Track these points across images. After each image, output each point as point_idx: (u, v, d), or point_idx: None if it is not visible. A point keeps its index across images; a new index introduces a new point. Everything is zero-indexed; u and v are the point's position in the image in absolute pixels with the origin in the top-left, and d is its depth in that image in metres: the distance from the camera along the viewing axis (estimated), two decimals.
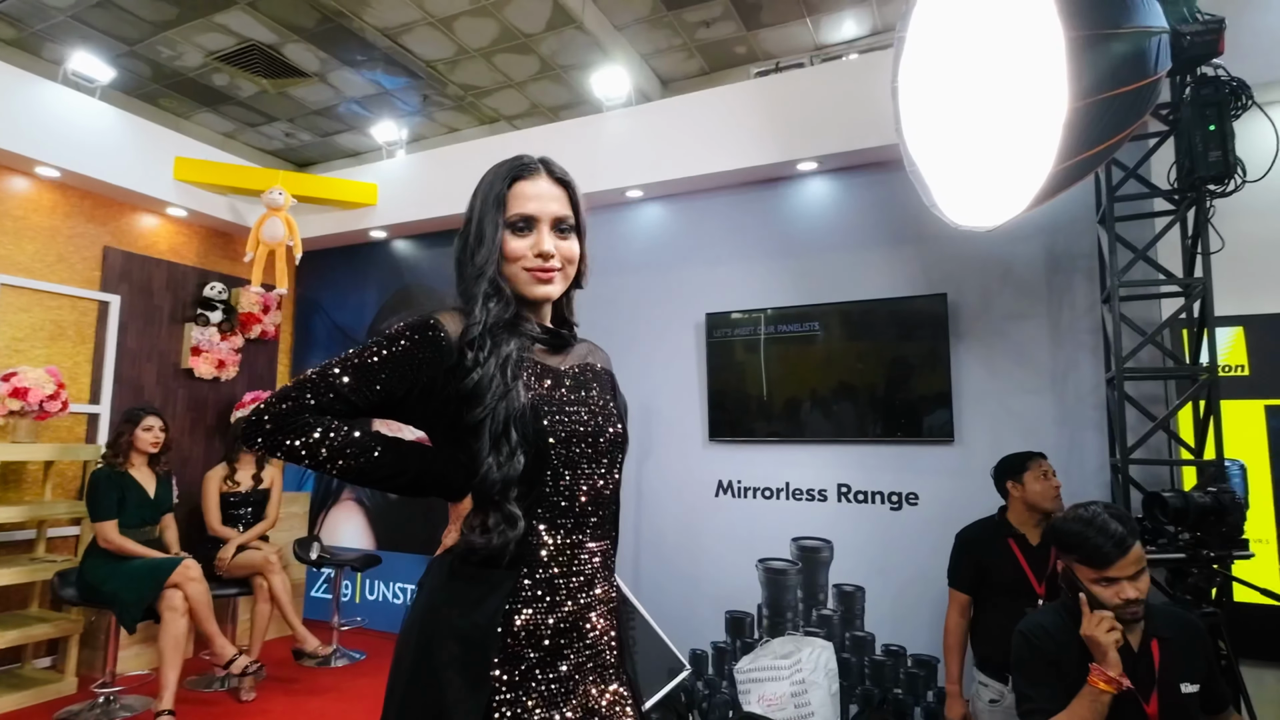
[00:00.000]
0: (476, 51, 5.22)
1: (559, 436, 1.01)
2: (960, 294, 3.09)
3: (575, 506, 1.03)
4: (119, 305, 3.97)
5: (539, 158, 1.13)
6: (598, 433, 1.06)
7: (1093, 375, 2.85)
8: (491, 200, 1.08)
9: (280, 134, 6.64)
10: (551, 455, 1.01)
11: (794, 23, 5.00)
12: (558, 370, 1.10)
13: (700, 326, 3.56)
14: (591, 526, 1.05)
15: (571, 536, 1.02)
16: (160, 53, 5.21)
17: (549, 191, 1.09)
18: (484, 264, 1.06)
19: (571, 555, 1.02)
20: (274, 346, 4.88)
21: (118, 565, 3.02)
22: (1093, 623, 1.43)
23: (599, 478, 1.06)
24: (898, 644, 3.09)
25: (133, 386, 4.02)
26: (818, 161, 3.32)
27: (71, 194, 3.82)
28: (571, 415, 1.04)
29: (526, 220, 1.07)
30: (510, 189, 1.08)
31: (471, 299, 1.06)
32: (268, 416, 0.94)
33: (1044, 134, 1.77)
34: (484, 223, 1.07)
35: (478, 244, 1.07)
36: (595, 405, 1.09)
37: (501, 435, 0.98)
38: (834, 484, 3.27)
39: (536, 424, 1.00)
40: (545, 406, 1.02)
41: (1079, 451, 2.83)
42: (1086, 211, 2.83)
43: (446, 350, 1.01)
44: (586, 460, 1.04)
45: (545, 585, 1.00)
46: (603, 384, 1.14)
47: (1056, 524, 1.58)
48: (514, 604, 0.98)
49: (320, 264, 4.92)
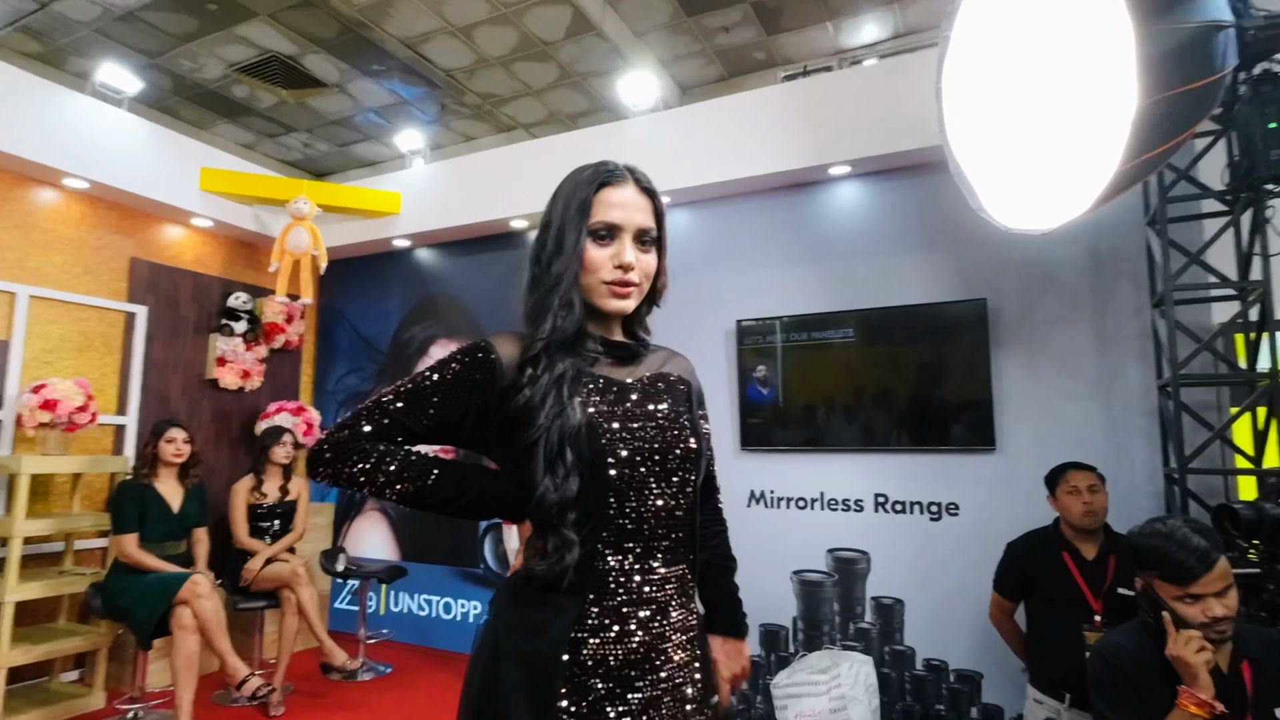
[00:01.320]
0: (496, 60, 5.21)
1: (619, 456, 0.96)
2: (1000, 299, 3.03)
3: (644, 529, 0.97)
4: (145, 316, 3.96)
5: (625, 165, 1.08)
6: (666, 449, 1.00)
7: (1140, 381, 2.78)
8: (575, 206, 1.03)
9: (299, 144, 6.65)
10: (612, 475, 0.96)
11: (813, 27, 4.96)
12: (624, 383, 1.05)
13: (731, 334, 3.51)
14: (664, 550, 0.99)
15: (642, 561, 0.97)
16: (182, 65, 5.22)
17: (635, 200, 1.05)
18: (561, 273, 1.01)
19: (642, 581, 0.97)
20: (298, 356, 4.86)
21: (135, 580, 2.98)
22: (1180, 642, 1.36)
23: (669, 498, 1.00)
24: (939, 658, 3.01)
25: (159, 397, 4.00)
26: (850, 165, 3.27)
27: (99, 205, 3.82)
28: (635, 431, 0.99)
29: (610, 229, 1.03)
30: (596, 195, 1.03)
31: (542, 311, 1.01)
32: (327, 446, 0.95)
33: (1108, 132, 1.71)
34: (565, 229, 1.02)
35: (556, 251, 1.02)
36: (665, 418, 1.03)
37: (556, 456, 0.94)
38: (870, 494, 3.20)
39: (593, 444, 0.96)
40: (604, 424, 0.98)
41: (1128, 460, 2.76)
42: (1131, 214, 2.76)
43: (499, 373, 0.99)
44: (654, 479, 0.98)
45: (613, 613, 0.95)
46: (677, 395, 1.08)
47: (1133, 538, 1.52)
48: (579, 632, 0.94)
49: (343, 273, 4.91)
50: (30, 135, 3.33)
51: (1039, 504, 2.53)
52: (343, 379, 4.87)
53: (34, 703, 3.15)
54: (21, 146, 3.30)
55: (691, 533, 1.04)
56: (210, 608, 2.91)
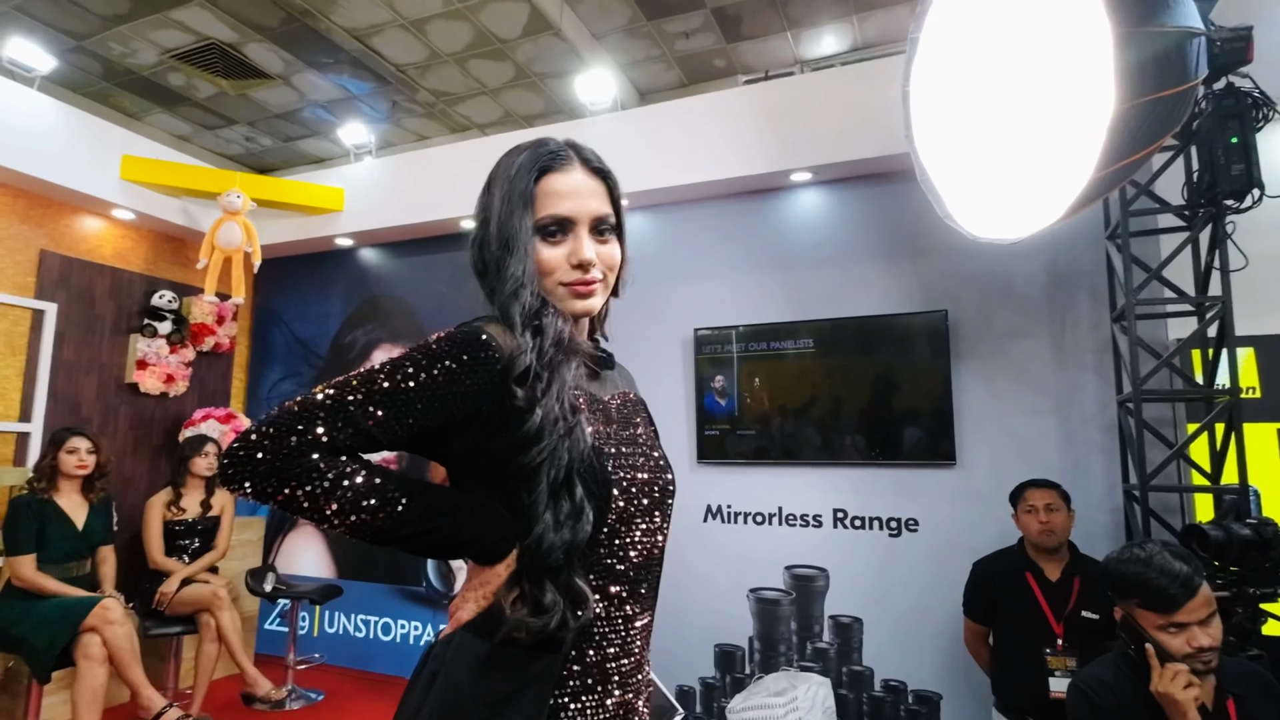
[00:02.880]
0: (449, 56, 5.03)
1: (622, 487, 0.83)
2: (960, 311, 2.98)
3: (629, 570, 0.84)
4: (55, 314, 3.64)
5: (567, 141, 0.92)
6: (653, 480, 0.87)
7: (1098, 396, 2.76)
8: (516, 198, 0.86)
9: (240, 138, 6.33)
10: (611, 510, 0.82)
11: (774, 36, 4.92)
12: (605, 402, 0.91)
13: (688, 342, 3.40)
14: (643, 595, 0.86)
15: (624, 607, 0.84)
16: (112, 49, 4.89)
17: (585, 185, 0.89)
18: (520, 274, 0.84)
19: (623, 630, 0.84)
20: (229, 360, 4.56)
21: (31, 606, 2.69)
22: (1167, 678, 1.28)
23: (653, 533, 0.87)
24: (898, 679, 2.93)
25: (69, 403, 3.68)
26: (812, 172, 3.20)
27: (4, 192, 3.50)
28: (628, 458, 0.86)
29: (561, 223, 0.86)
30: (538, 185, 0.87)
31: (512, 319, 0.83)
32: (262, 453, 0.70)
33: (1081, 139, 1.65)
34: (508, 225, 0.85)
35: (505, 252, 0.85)
36: (646, 445, 0.91)
37: (563, 487, 0.78)
38: (829, 509, 3.12)
39: (603, 472, 0.81)
40: (607, 449, 0.84)
41: (1085, 476, 2.73)
42: (1091, 228, 2.75)
43: (499, 374, 0.79)
44: (641, 513, 0.85)
45: (597, 670, 0.81)
46: (644, 417, 0.96)
47: (1110, 565, 1.44)
48: (560, 696, 0.78)
49: (281, 272, 4.63)
50: None
51: (1000, 520, 2.47)
52: (278, 384, 4.59)
53: None
54: None
55: (659, 575, 0.91)
56: (122, 635, 2.64)
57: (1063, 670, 2.07)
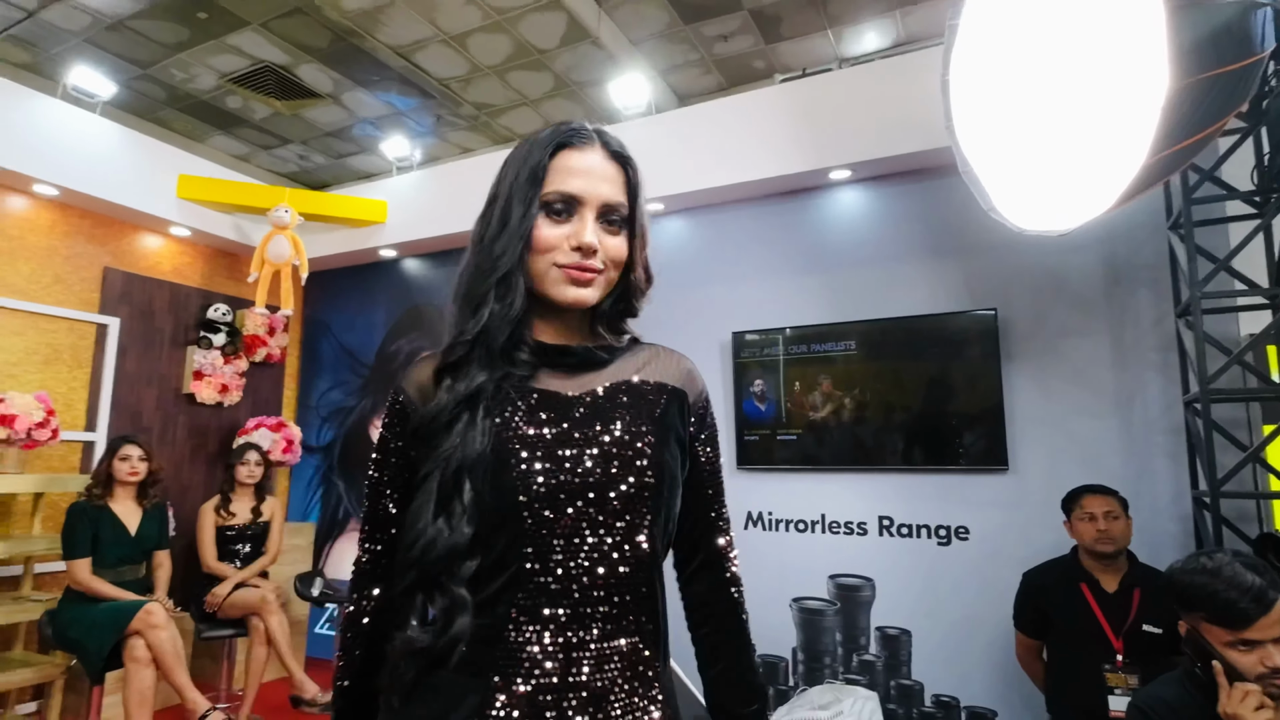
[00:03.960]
0: (490, 69, 5.10)
1: (535, 492, 0.75)
2: (1010, 309, 2.85)
3: (574, 589, 0.75)
4: (118, 328, 3.81)
5: (593, 126, 0.87)
6: (608, 484, 0.77)
7: (1162, 397, 2.59)
8: (526, 173, 0.81)
9: (294, 156, 6.54)
10: (526, 518, 0.74)
11: (814, 35, 4.83)
12: (565, 398, 0.82)
13: (725, 346, 3.34)
14: (603, 619, 0.75)
15: (569, 633, 0.74)
16: (174, 75, 5.12)
17: (601, 168, 0.83)
18: (501, 254, 0.80)
19: (567, 660, 0.74)
20: (280, 370, 4.70)
21: (86, 609, 2.79)
22: (1236, 698, 1.17)
23: (612, 548, 0.76)
24: (950, 695, 2.80)
25: (131, 413, 3.84)
26: (851, 169, 3.12)
27: (71, 213, 3.69)
28: (563, 461, 0.77)
29: (567, 201, 0.81)
30: (552, 160, 0.82)
31: (473, 300, 0.81)
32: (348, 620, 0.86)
33: (1134, 122, 1.55)
34: (511, 201, 0.81)
35: (499, 228, 0.81)
36: (615, 443, 0.79)
37: (452, 492, 0.74)
38: (874, 516, 3.01)
39: (501, 477, 0.75)
40: (519, 451, 0.76)
41: (1149, 483, 2.57)
42: (1151, 218, 2.60)
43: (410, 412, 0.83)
44: (588, 524, 0.75)
45: (526, 703, 0.72)
46: (642, 408, 0.83)
47: (1175, 575, 1.33)
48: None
49: (328, 284, 4.76)
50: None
51: (1056, 528, 2.34)
52: (326, 393, 4.71)
53: None
54: None
55: (650, 594, 0.79)
56: (166, 638, 2.71)
57: (1122, 688, 1.93)
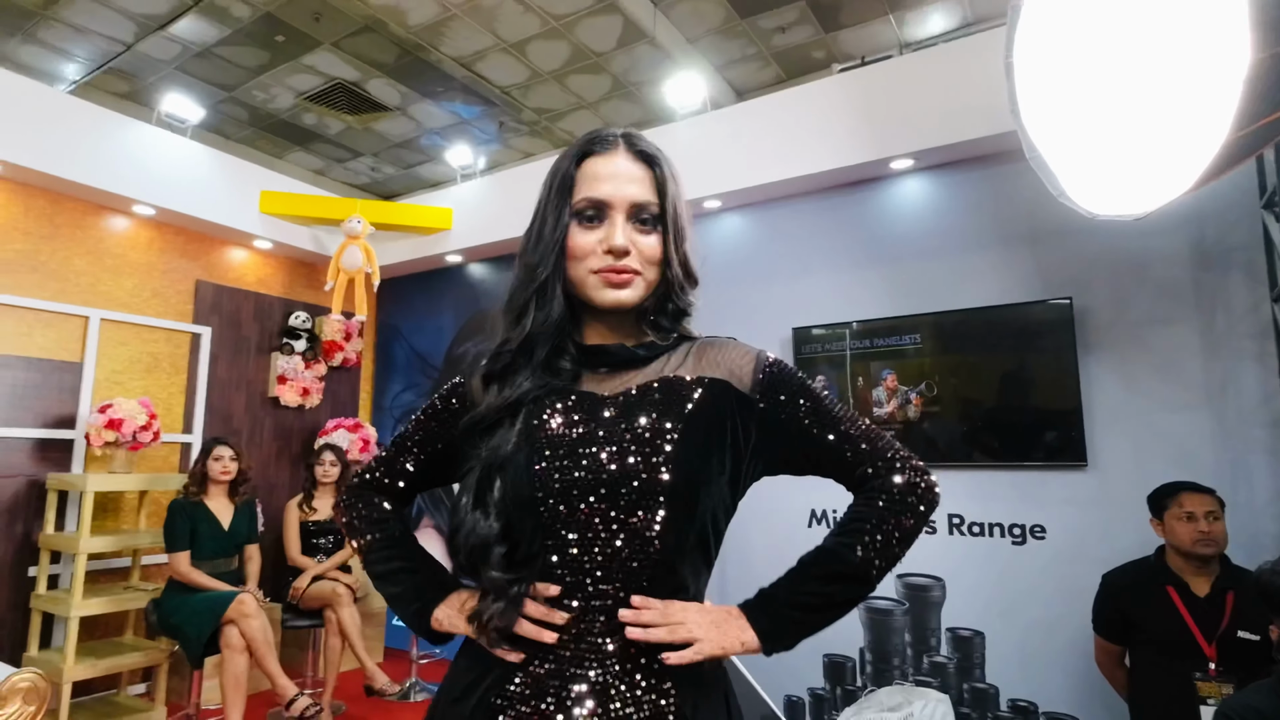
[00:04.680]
0: (549, 74, 5.19)
1: (551, 488, 0.79)
2: (1088, 298, 2.72)
3: (585, 581, 0.79)
4: (210, 336, 4.08)
5: (621, 130, 0.88)
6: (620, 480, 0.78)
7: (1259, 388, 2.42)
8: (557, 185, 0.86)
9: (366, 168, 6.84)
10: (542, 513, 0.79)
11: (875, 21, 4.71)
12: (598, 398, 0.84)
13: (786, 342, 3.31)
14: (608, 610, 0.78)
15: (580, 622, 0.78)
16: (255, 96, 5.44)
17: (627, 170, 0.85)
18: (538, 264, 0.84)
19: (576, 647, 0.78)
20: (356, 373, 4.93)
21: (186, 598, 3.00)
22: None
23: (627, 540, 0.78)
24: (1028, 699, 2.69)
25: (222, 416, 4.11)
26: (914, 158, 3.03)
27: (166, 231, 3.97)
28: (584, 459, 0.80)
29: (597, 207, 0.84)
30: (579, 169, 0.86)
31: (516, 310, 0.86)
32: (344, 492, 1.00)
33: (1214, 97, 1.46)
34: (545, 213, 0.86)
35: (536, 240, 0.87)
36: (637, 440, 0.80)
37: (486, 488, 0.81)
38: (944, 514, 2.93)
39: (523, 473, 0.80)
40: (545, 449, 0.81)
41: (1245, 479, 2.40)
42: (1243, 196, 2.43)
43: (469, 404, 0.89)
44: (601, 519, 0.78)
45: (533, 684, 0.77)
46: (672, 404, 0.83)
47: (1263, 577, 1.25)
48: (498, 698, 0.78)
49: (399, 290, 4.96)
50: (101, 166, 3.49)
51: (1140, 527, 2.23)
52: (399, 395, 4.90)
53: (99, 715, 3.23)
54: (94, 177, 3.46)
55: (669, 589, 0.81)
56: (257, 627, 2.90)
57: (1216, 699, 1.82)
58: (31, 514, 3.33)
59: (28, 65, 4.94)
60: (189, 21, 4.49)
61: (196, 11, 4.40)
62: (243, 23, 4.51)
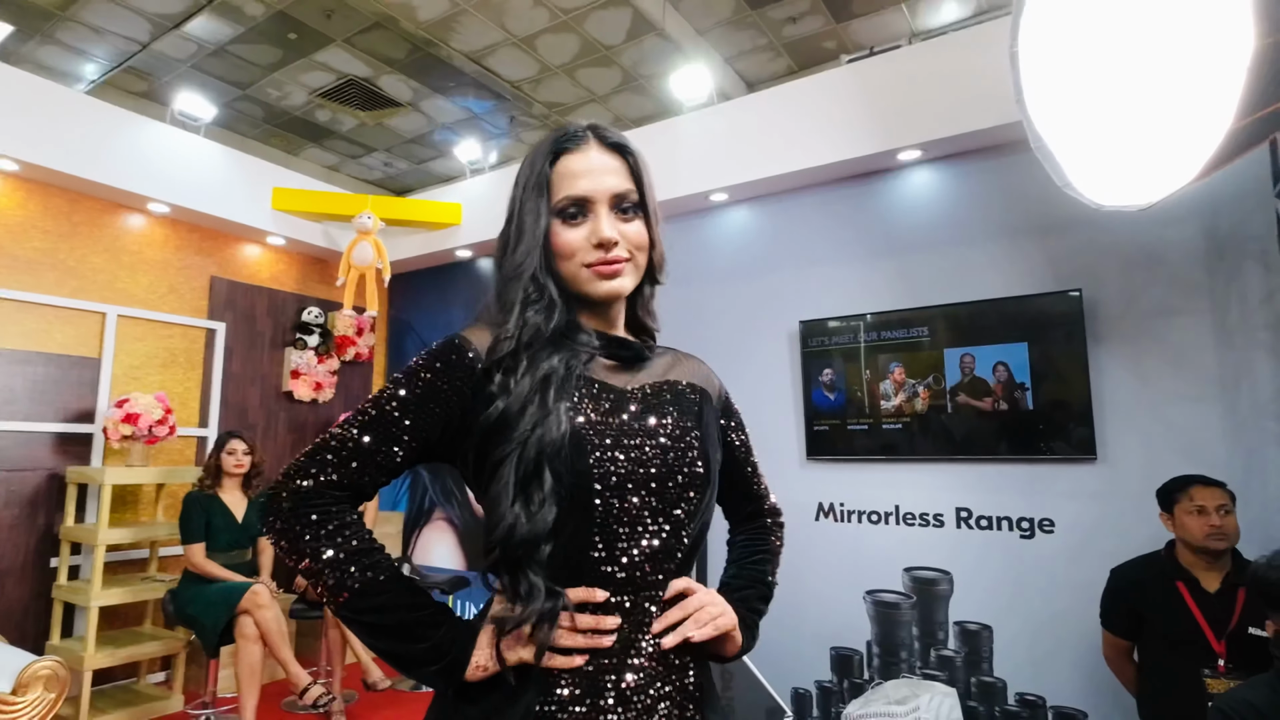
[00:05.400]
0: (559, 68, 5.20)
1: (609, 481, 0.78)
2: (1098, 290, 2.68)
3: (635, 575, 0.79)
4: (224, 332, 4.14)
5: (586, 124, 0.89)
6: (666, 475, 0.81)
7: (1274, 379, 2.38)
8: (532, 184, 0.86)
9: (379, 164, 6.90)
10: (597, 505, 0.77)
11: (887, 10, 4.67)
12: (621, 391, 0.86)
13: (794, 336, 3.30)
14: (657, 603, 0.81)
15: (628, 616, 0.79)
16: (269, 94, 5.50)
17: (602, 163, 0.86)
18: (522, 260, 0.84)
19: (626, 642, 0.78)
20: (368, 368, 4.98)
21: (202, 589, 3.06)
22: None
23: (667, 536, 0.80)
24: (1036, 694, 2.68)
25: (237, 410, 4.17)
26: (922, 149, 3.00)
27: (181, 228, 4.03)
28: (630, 451, 0.80)
29: (578, 204, 0.84)
30: (554, 167, 0.86)
31: (505, 306, 0.84)
32: (285, 495, 0.78)
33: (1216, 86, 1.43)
34: (523, 213, 0.86)
35: (517, 239, 0.86)
36: (669, 437, 0.83)
37: (532, 477, 0.75)
38: (951, 508, 2.91)
39: (579, 463, 0.77)
40: (595, 439, 0.79)
41: (1259, 472, 2.36)
42: (1258, 185, 2.38)
43: (474, 372, 0.81)
44: (649, 512, 0.79)
45: (587, 681, 0.76)
46: (685, 406, 0.88)
47: (1261, 573, 1.24)
48: (547, 705, 0.75)
49: (409, 285, 5.00)
50: (117, 164, 3.54)
51: (1150, 521, 2.20)
52: None
53: (119, 703, 3.30)
54: (110, 176, 3.51)
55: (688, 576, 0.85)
56: (270, 617, 2.95)
57: None
58: (53, 506, 3.40)
59: (48, 66, 5.03)
60: (203, 20, 4.55)
61: (210, 10, 4.45)
62: (256, 21, 4.57)
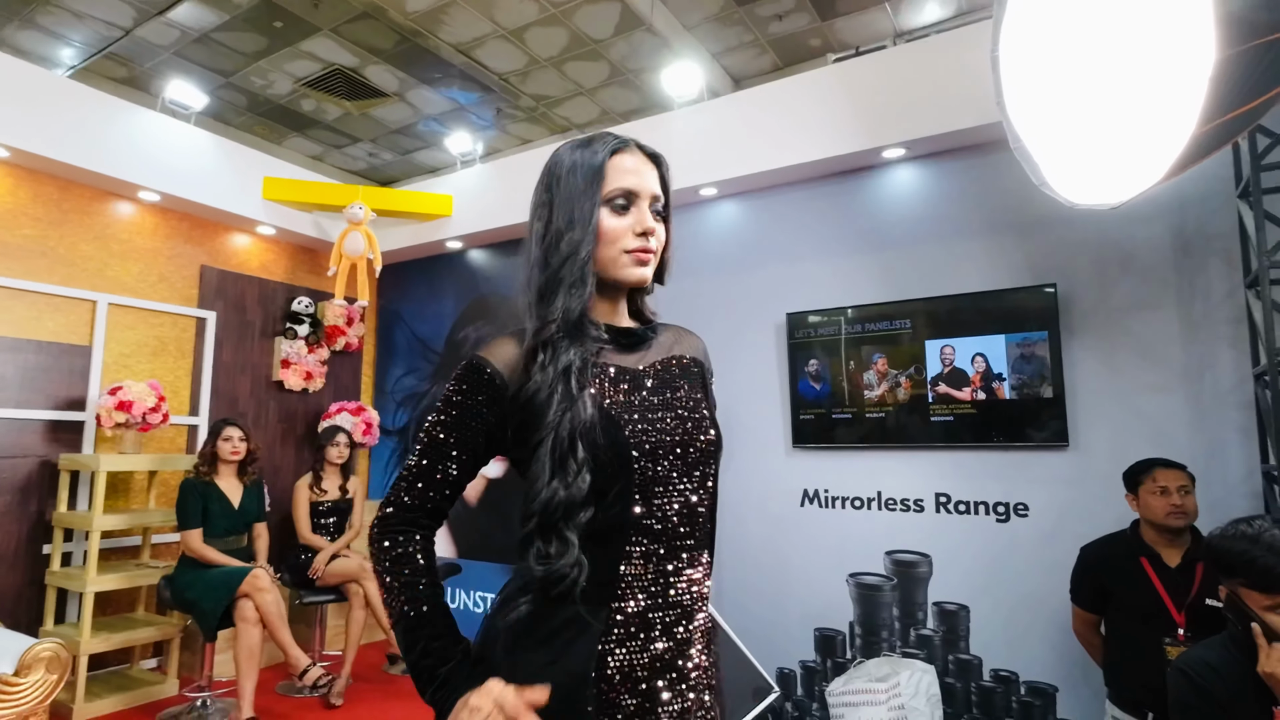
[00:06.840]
0: (547, 61, 5.23)
1: (644, 449, 0.90)
2: (1071, 284, 2.81)
3: (667, 529, 0.91)
4: (215, 321, 4.15)
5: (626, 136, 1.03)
6: (688, 441, 0.94)
7: (1234, 371, 2.52)
8: (585, 176, 0.96)
9: (364, 154, 6.86)
10: (636, 471, 0.90)
11: (872, 9, 4.75)
12: (636, 371, 0.98)
13: (781, 327, 3.39)
14: (688, 550, 0.93)
15: (666, 564, 0.91)
16: (254, 83, 5.46)
17: (646, 167, 1.00)
18: (577, 244, 0.94)
19: (666, 584, 0.91)
20: (358, 358, 5.00)
21: (200, 574, 3.09)
22: (1275, 658, 1.20)
23: (691, 493, 0.94)
24: (1009, 669, 2.81)
25: (228, 398, 4.18)
26: (905, 147, 3.10)
27: (171, 216, 4.02)
28: (655, 423, 0.93)
29: (629, 195, 0.97)
30: (609, 162, 0.98)
31: (553, 288, 0.94)
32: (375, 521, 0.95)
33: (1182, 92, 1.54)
34: (574, 201, 0.95)
35: (567, 225, 0.95)
36: (684, 408, 0.97)
37: (568, 453, 0.87)
38: (931, 493, 3.03)
39: (615, 436, 0.89)
40: (623, 415, 0.92)
41: (1220, 458, 2.51)
42: (1223, 185, 2.52)
43: (501, 384, 0.94)
44: (677, 473, 0.93)
45: (638, 620, 0.89)
46: (692, 379, 1.02)
47: (1214, 542, 1.35)
48: (606, 643, 0.87)
49: (400, 276, 5.02)
50: (107, 152, 3.53)
51: (1119, 505, 2.33)
52: (401, 379, 4.98)
53: (114, 688, 3.33)
54: (100, 163, 3.50)
55: (711, 529, 0.99)
56: (271, 601, 3.00)
57: None
58: (44, 493, 3.41)
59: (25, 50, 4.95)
60: (187, 7, 4.50)
61: None
62: (241, 8, 4.54)
